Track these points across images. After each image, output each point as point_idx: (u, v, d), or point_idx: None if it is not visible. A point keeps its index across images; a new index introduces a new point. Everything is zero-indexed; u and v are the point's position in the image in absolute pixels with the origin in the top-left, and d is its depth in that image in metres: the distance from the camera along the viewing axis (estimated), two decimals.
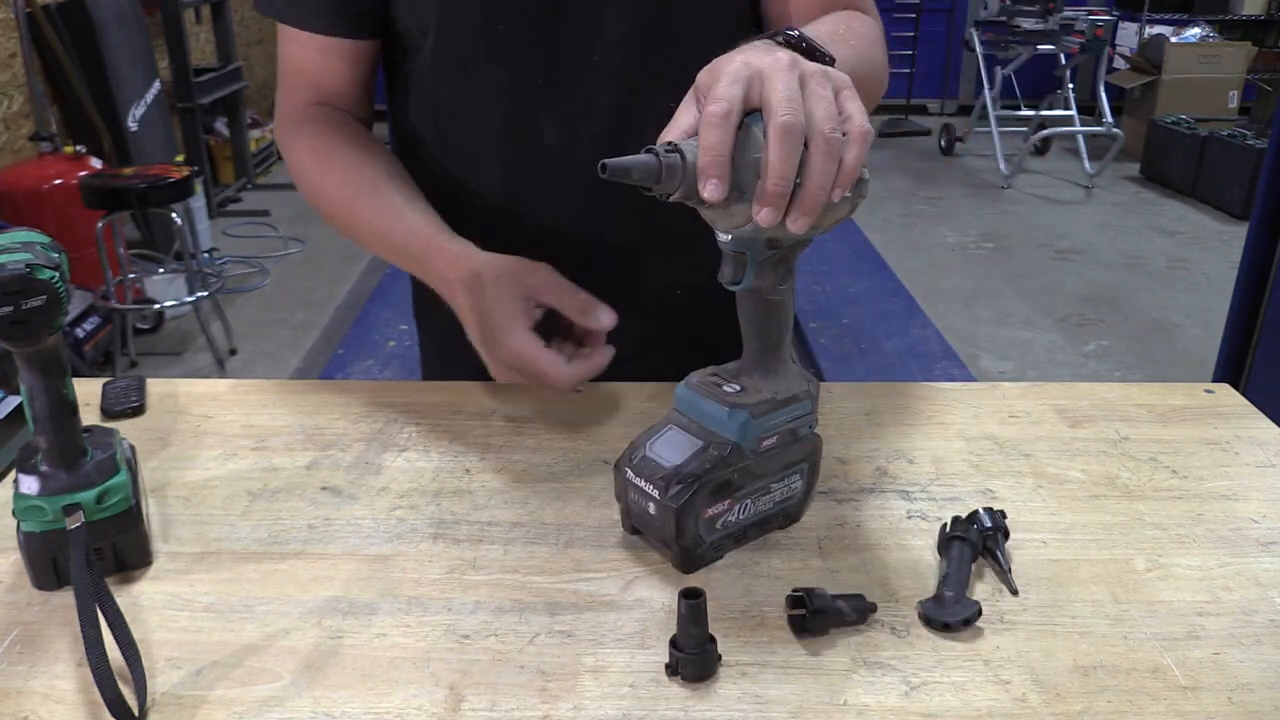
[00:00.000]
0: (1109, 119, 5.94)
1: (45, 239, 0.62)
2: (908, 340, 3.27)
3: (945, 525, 0.70)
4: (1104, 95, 6.01)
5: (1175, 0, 7.32)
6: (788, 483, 0.71)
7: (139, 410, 0.91)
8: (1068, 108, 6.03)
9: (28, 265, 0.58)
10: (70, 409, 0.65)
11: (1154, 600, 0.66)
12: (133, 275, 3.70)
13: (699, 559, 0.68)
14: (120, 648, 0.58)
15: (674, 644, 0.59)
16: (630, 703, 0.57)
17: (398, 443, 0.86)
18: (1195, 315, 4.12)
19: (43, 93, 3.95)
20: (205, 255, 4.43)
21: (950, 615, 0.62)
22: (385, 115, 1.00)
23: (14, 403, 2.57)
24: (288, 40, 0.95)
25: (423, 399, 0.93)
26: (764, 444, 0.68)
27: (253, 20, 6.27)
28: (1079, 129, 6.10)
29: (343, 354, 3.22)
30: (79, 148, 3.74)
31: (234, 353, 3.73)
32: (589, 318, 0.82)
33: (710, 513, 0.67)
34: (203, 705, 0.57)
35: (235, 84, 5.49)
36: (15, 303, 0.58)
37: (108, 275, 3.36)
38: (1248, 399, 0.93)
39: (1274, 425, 0.89)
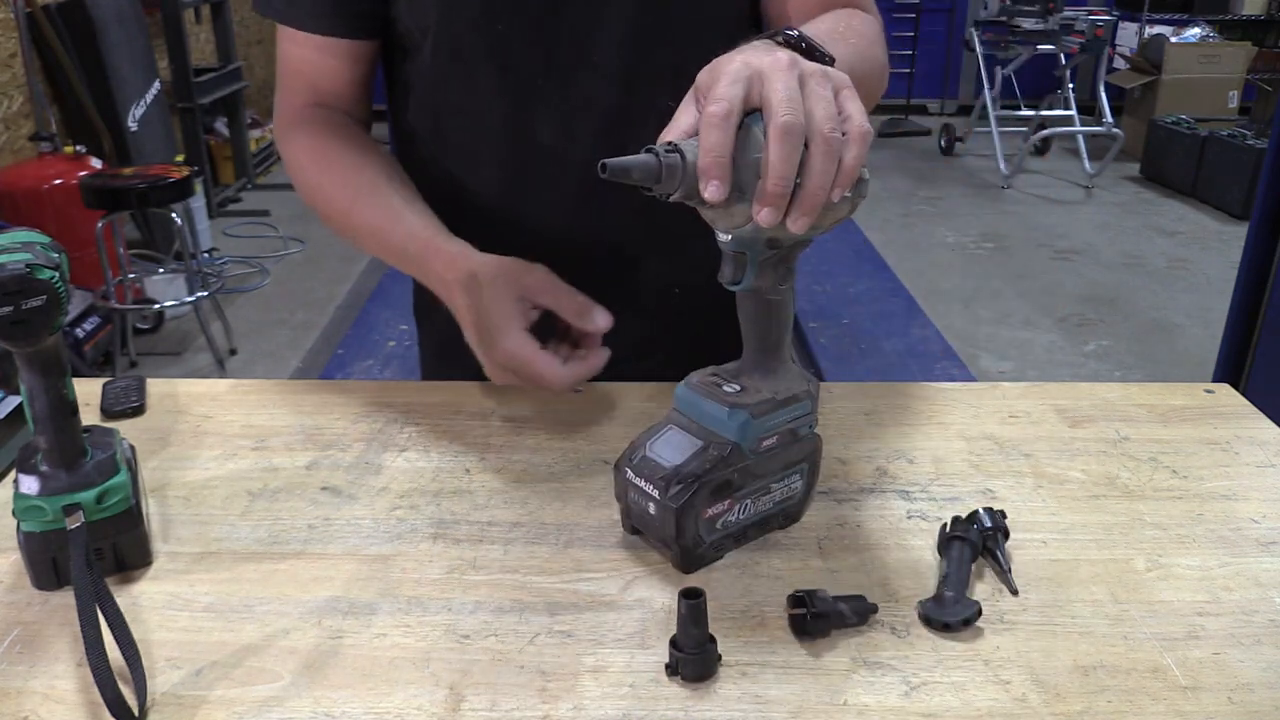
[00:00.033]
0: (1109, 119, 5.94)
1: (45, 239, 0.62)
2: (908, 340, 3.27)
3: (945, 525, 0.70)
4: (1104, 95, 6.01)
5: (1175, 0, 7.32)
6: (788, 483, 0.71)
7: (139, 410, 0.91)
8: (1068, 108, 6.03)
9: (28, 265, 0.58)
10: (70, 409, 0.65)
11: (1154, 600, 0.66)
12: (133, 275, 3.70)
13: (699, 559, 0.68)
14: (120, 648, 0.58)
15: (674, 644, 0.59)
16: (630, 703, 0.57)
17: (398, 443, 0.86)
18: (1195, 315, 4.12)
19: (43, 93, 3.95)
20: (205, 255, 4.43)
21: (950, 615, 0.62)
22: (385, 115, 1.00)
23: (14, 403, 2.57)
24: (286, 41, 0.95)
25: (423, 399, 0.93)
26: (764, 444, 0.68)
27: (253, 20, 6.27)
28: (1079, 129, 6.10)
29: (343, 354, 3.22)
30: (79, 148, 3.74)
31: (234, 353, 3.73)
32: (585, 319, 0.82)
33: (710, 513, 0.67)
34: (203, 705, 0.57)
35: (235, 84, 5.49)
36: (15, 303, 0.58)
37: (108, 275, 3.36)
38: (1248, 399, 0.93)
39: (1274, 425, 0.89)
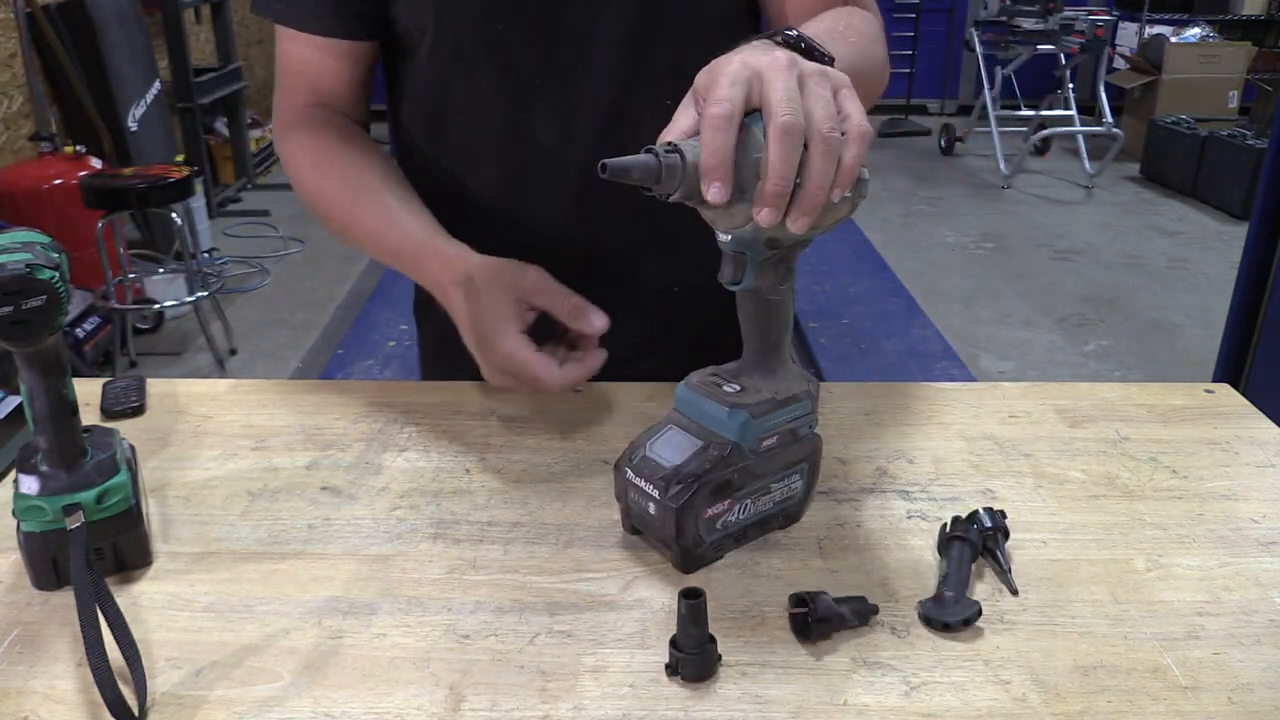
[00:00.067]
0: (1109, 119, 5.94)
1: (45, 239, 0.62)
2: (908, 340, 3.27)
3: (945, 525, 0.70)
4: (1104, 95, 6.01)
5: (1175, 0, 7.32)
6: (788, 483, 0.71)
7: (139, 410, 0.91)
8: (1068, 108, 6.03)
9: (28, 265, 0.58)
10: (70, 409, 0.65)
11: (1154, 600, 0.66)
12: (133, 275, 3.70)
13: (699, 559, 0.68)
14: (120, 648, 0.58)
15: (674, 644, 0.59)
16: (630, 703, 0.57)
17: (398, 443, 0.86)
18: (1195, 315, 4.12)
19: (43, 93, 3.95)
20: (205, 255, 4.43)
21: (950, 615, 0.62)
22: (385, 115, 1.00)
23: (14, 403, 2.57)
24: (285, 41, 0.95)
25: (422, 399, 0.93)
26: (764, 444, 0.68)
27: (253, 20, 6.27)
28: (1079, 129, 6.10)
29: (343, 354, 3.22)
30: (79, 148, 3.74)
31: (234, 353, 3.73)
32: (581, 321, 0.81)
33: (710, 513, 0.67)
34: (203, 705, 0.57)
35: (235, 84, 5.49)
36: (15, 303, 0.58)
37: (108, 275, 3.36)
38: (1248, 399, 0.93)
39: (1274, 425, 0.89)
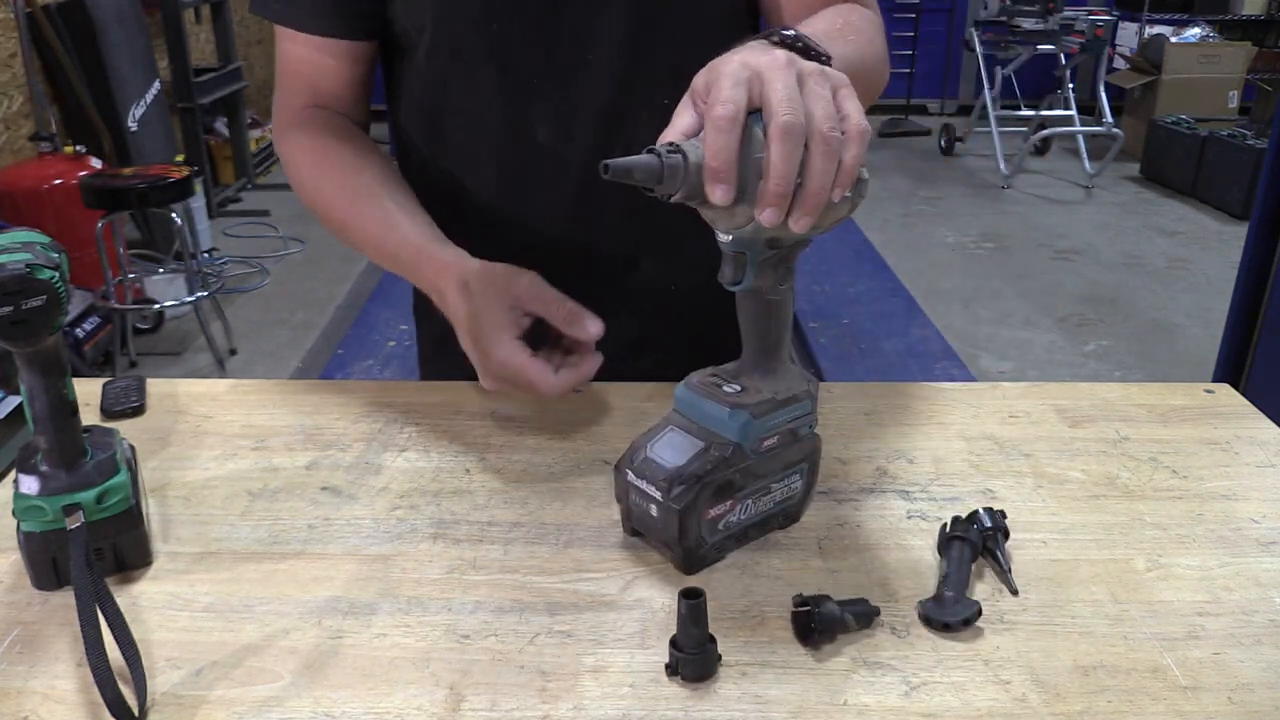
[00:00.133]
0: (1109, 119, 5.94)
1: (45, 239, 0.62)
2: (908, 340, 3.27)
3: (945, 525, 0.70)
4: (1104, 95, 6.01)
5: (1175, 0, 7.32)
6: (788, 483, 0.71)
7: (139, 410, 0.91)
8: (1068, 108, 6.03)
9: (28, 265, 0.58)
10: (70, 409, 0.65)
11: (1154, 600, 0.66)
12: (133, 275, 3.70)
13: (701, 560, 0.68)
14: (120, 648, 0.58)
15: (674, 644, 0.59)
16: (630, 703, 0.57)
17: (398, 443, 0.86)
18: (1195, 315, 4.12)
19: (43, 93, 3.95)
20: (205, 255, 4.43)
21: (950, 615, 0.62)
22: (384, 116, 1.00)
23: (14, 403, 2.57)
24: (285, 41, 0.95)
25: (422, 399, 0.93)
26: (765, 444, 0.68)
27: (253, 20, 6.27)
28: (1079, 129, 6.10)
29: (343, 354, 3.22)
30: (79, 148, 3.74)
31: (234, 353, 3.73)
32: (575, 327, 0.81)
33: (712, 514, 0.67)
34: (203, 705, 0.57)
35: (235, 84, 5.49)
36: (15, 303, 0.58)
37: (108, 275, 3.36)
38: (1248, 399, 0.93)
39: (1274, 425, 0.89)
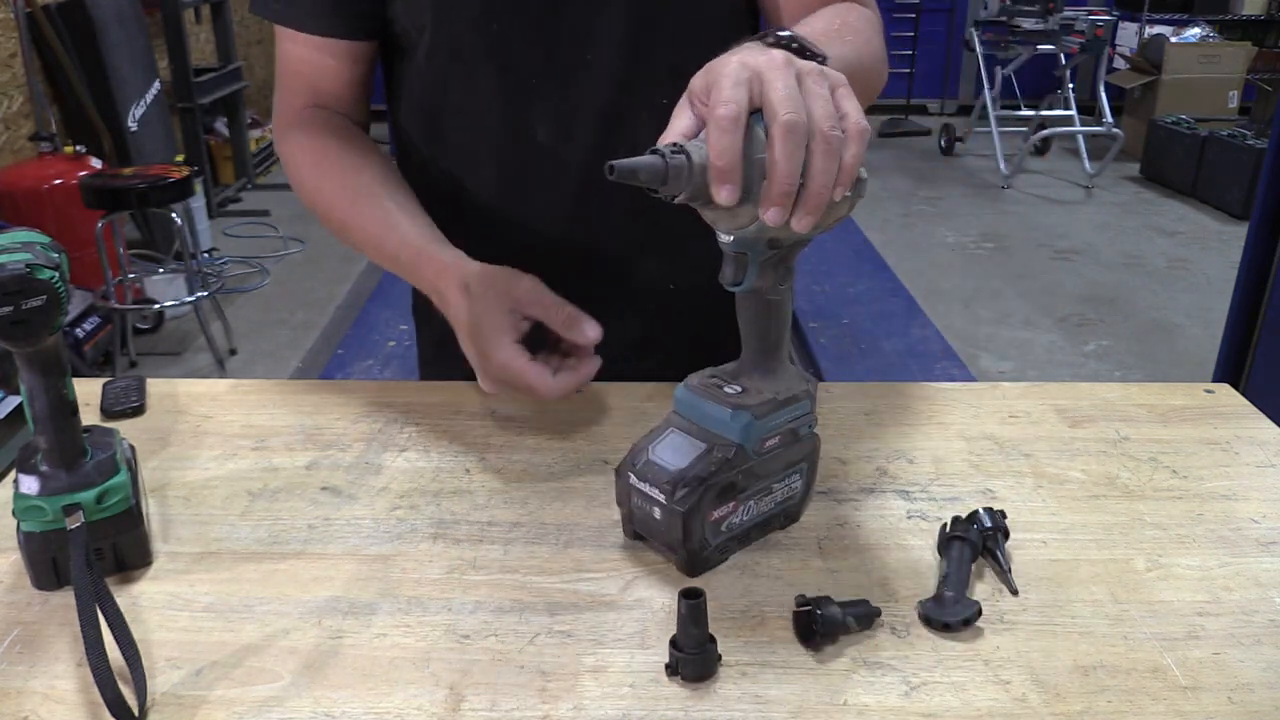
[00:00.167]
0: (1109, 119, 5.94)
1: (45, 239, 0.62)
2: (908, 340, 3.27)
3: (945, 525, 0.70)
4: (1104, 95, 6.01)
5: (1175, 0, 7.32)
6: (788, 483, 0.71)
7: (139, 410, 0.91)
8: (1068, 108, 6.03)
9: (28, 265, 0.58)
10: (70, 409, 0.65)
11: (1154, 600, 0.66)
12: (133, 275, 3.70)
13: (705, 562, 0.68)
14: (120, 648, 0.58)
15: (674, 644, 0.59)
16: (630, 703, 0.57)
17: (398, 443, 0.86)
18: (1195, 315, 4.12)
19: (43, 93, 3.95)
20: (205, 255, 4.43)
21: (950, 615, 0.62)
22: (384, 116, 1.00)
23: (14, 403, 2.57)
24: (285, 41, 0.95)
25: (423, 399, 0.93)
26: (767, 445, 0.68)
27: (253, 20, 6.27)
28: (1079, 129, 6.09)
29: (343, 354, 3.21)
30: (79, 148, 3.74)
31: (234, 353, 3.73)
32: (574, 331, 0.81)
33: (716, 515, 0.67)
34: (203, 705, 0.57)
35: (235, 84, 5.49)
36: (15, 303, 0.58)
37: (108, 275, 3.36)
38: (1248, 399, 0.93)
39: (1274, 425, 0.89)
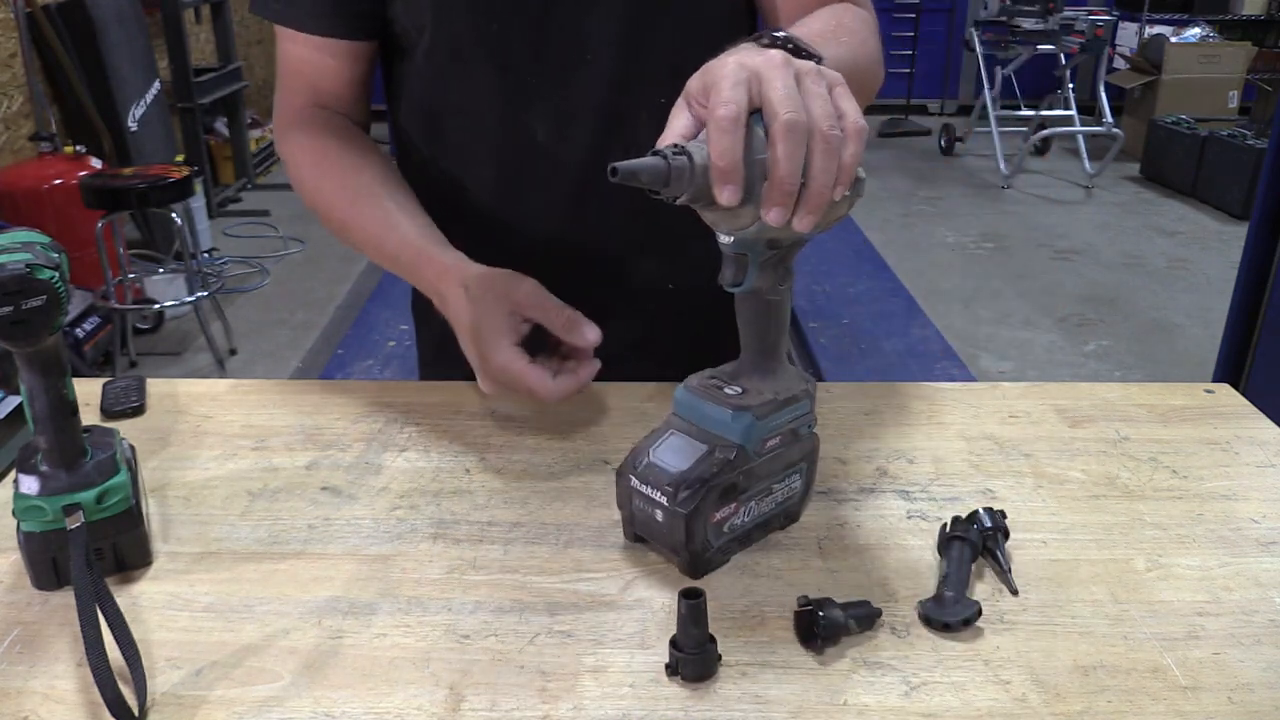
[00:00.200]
0: (1109, 119, 5.94)
1: (45, 239, 0.62)
2: (908, 340, 3.26)
3: (945, 525, 0.70)
4: (1104, 95, 6.01)
5: (1175, 0, 7.32)
6: (788, 483, 0.71)
7: (139, 410, 0.91)
8: (1068, 108, 6.03)
9: (28, 265, 0.58)
10: (70, 409, 0.65)
11: (1154, 600, 0.66)
12: (133, 275, 3.70)
13: (707, 564, 0.68)
14: (120, 648, 0.58)
15: (674, 644, 0.59)
16: (630, 703, 0.57)
17: (398, 443, 0.86)
18: (1195, 315, 4.12)
19: (43, 93, 3.95)
20: (205, 255, 4.43)
21: (950, 615, 0.62)
22: (384, 116, 1.00)
23: (14, 403, 2.57)
24: (285, 41, 0.95)
25: (423, 399, 0.93)
26: (767, 445, 0.68)
27: (253, 20, 6.26)
28: (1079, 129, 6.09)
29: (343, 354, 3.21)
30: (79, 148, 3.74)
31: (234, 353, 3.73)
32: (574, 334, 0.81)
33: (718, 517, 0.67)
34: (203, 705, 0.57)
35: (235, 84, 5.49)
36: (15, 303, 0.58)
37: (108, 275, 3.36)
38: (1248, 399, 0.93)
39: (1274, 425, 0.89)
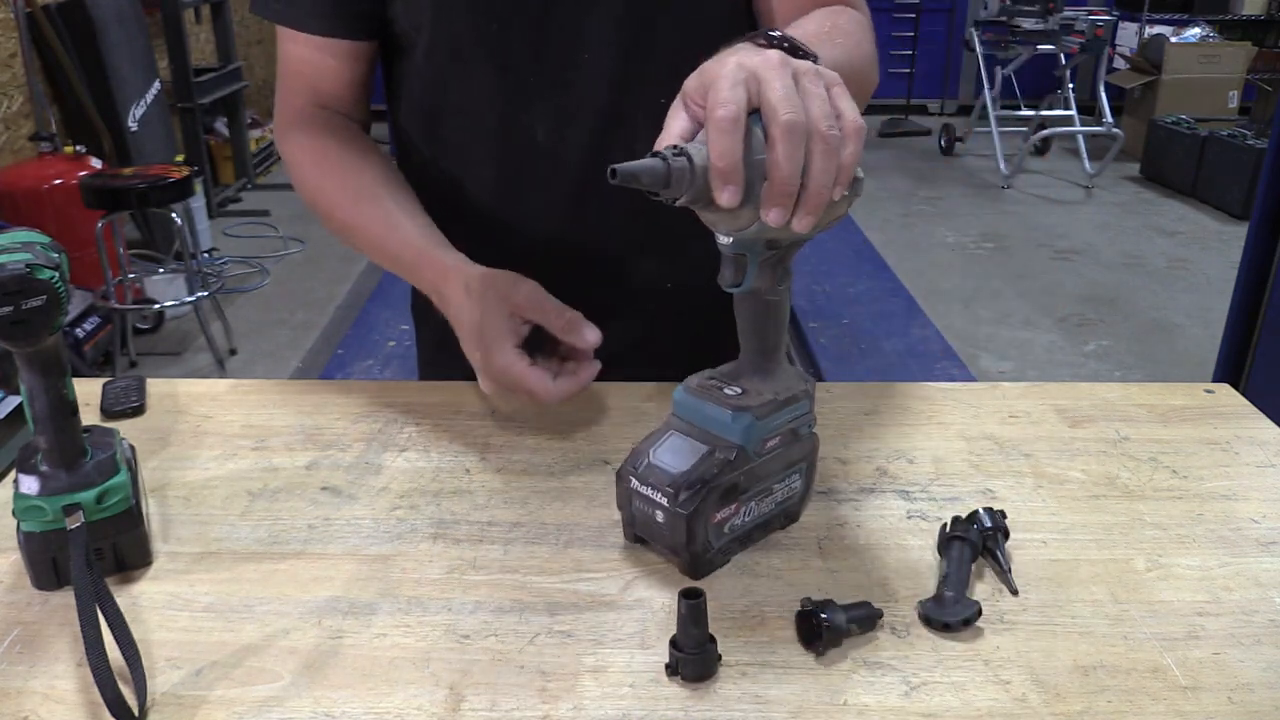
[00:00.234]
0: (1109, 119, 5.94)
1: (45, 239, 0.62)
2: (908, 340, 3.26)
3: (945, 525, 0.70)
4: (1104, 95, 6.01)
5: (1175, 0, 7.32)
6: (788, 483, 0.71)
7: (139, 410, 0.91)
8: (1068, 108, 6.03)
9: (28, 265, 0.58)
10: (70, 409, 0.65)
11: (1154, 600, 0.66)
12: (133, 275, 3.70)
13: (709, 564, 0.68)
14: (120, 648, 0.58)
15: (674, 644, 0.59)
16: (630, 703, 0.57)
17: (398, 443, 0.86)
18: (1195, 315, 4.12)
19: (43, 93, 3.95)
20: (205, 255, 4.43)
21: (950, 615, 0.62)
22: (384, 116, 1.00)
23: (14, 403, 2.57)
24: (285, 41, 0.95)
25: (423, 399, 0.93)
26: (767, 445, 0.68)
27: (253, 20, 6.26)
28: (1079, 129, 6.09)
29: (343, 354, 3.21)
30: (79, 148, 3.74)
31: (234, 353, 3.73)
32: (574, 336, 0.81)
33: (719, 517, 0.67)
34: (203, 705, 0.57)
35: (235, 84, 5.49)
36: (15, 303, 0.58)
37: (108, 275, 3.36)
38: (1248, 399, 0.93)
39: (1274, 425, 0.89)
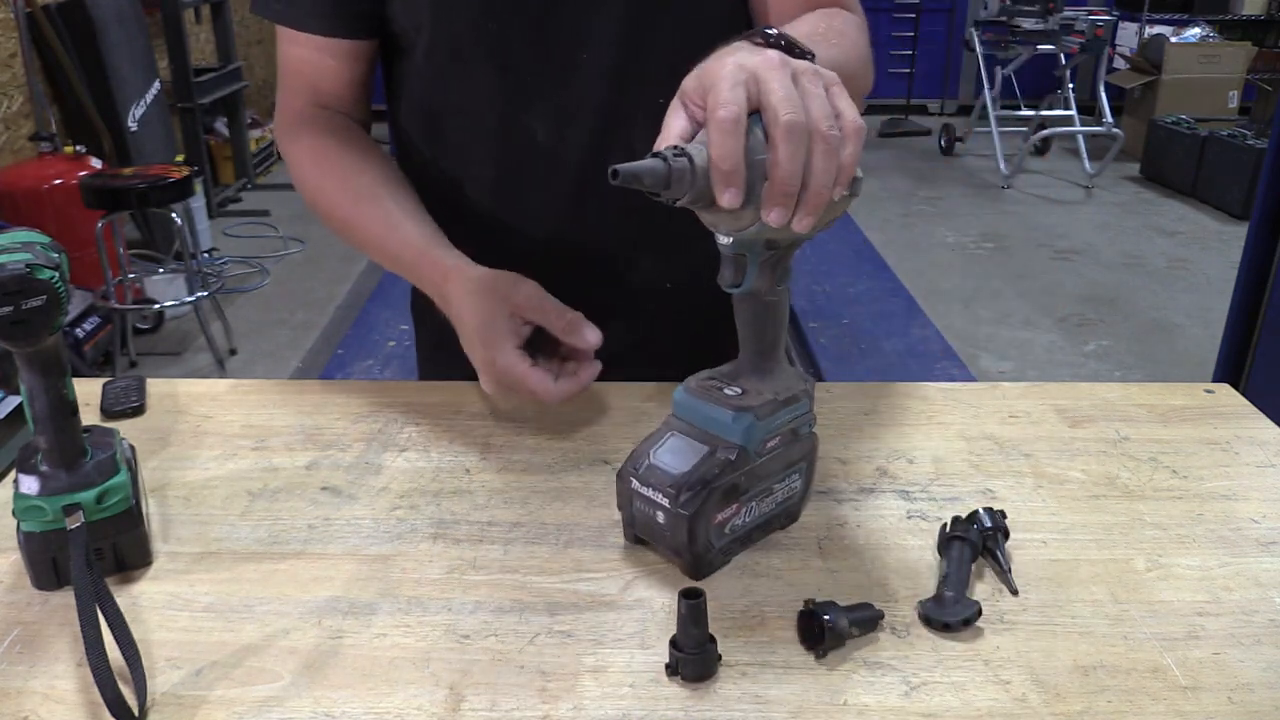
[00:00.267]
0: (1109, 119, 5.94)
1: (45, 239, 0.62)
2: (908, 340, 3.26)
3: (945, 525, 0.70)
4: (1104, 95, 6.01)
5: (1175, 0, 7.32)
6: (788, 483, 0.71)
7: (139, 410, 0.91)
8: (1068, 108, 6.03)
9: (28, 265, 0.58)
10: (70, 409, 0.65)
11: (1154, 600, 0.66)
12: (133, 275, 3.70)
13: (710, 565, 0.68)
14: (120, 648, 0.58)
15: (674, 644, 0.59)
16: (630, 703, 0.57)
17: (398, 443, 0.86)
18: (1195, 315, 4.12)
19: (43, 93, 3.95)
20: (205, 255, 4.43)
21: (950, 615, 0.62)
22: (384, 116, 1.00)
23: (14, 403, 2.57)
24: (285, 41, 0.95)
25: (423, 399, 0.93)
26: (768, 445, 0.68)
27: (253, 20, 6.27)
28: (1079, 129, 6.09)
29: (343, 354, 3.21)
30: (79, 148, 3.74)
31: (234, 353, 3.73)
32: (575, 336, 0.81)
33: (720, 518, 0.67)
34: (203, 705, 0.57)
35: (235, 84, 5.49)
36: (15, 303, 0.58)
37: (108, 275, 3.36)
38: (1248, 399, 0.93)
39: (1274, 425, 0.89)
